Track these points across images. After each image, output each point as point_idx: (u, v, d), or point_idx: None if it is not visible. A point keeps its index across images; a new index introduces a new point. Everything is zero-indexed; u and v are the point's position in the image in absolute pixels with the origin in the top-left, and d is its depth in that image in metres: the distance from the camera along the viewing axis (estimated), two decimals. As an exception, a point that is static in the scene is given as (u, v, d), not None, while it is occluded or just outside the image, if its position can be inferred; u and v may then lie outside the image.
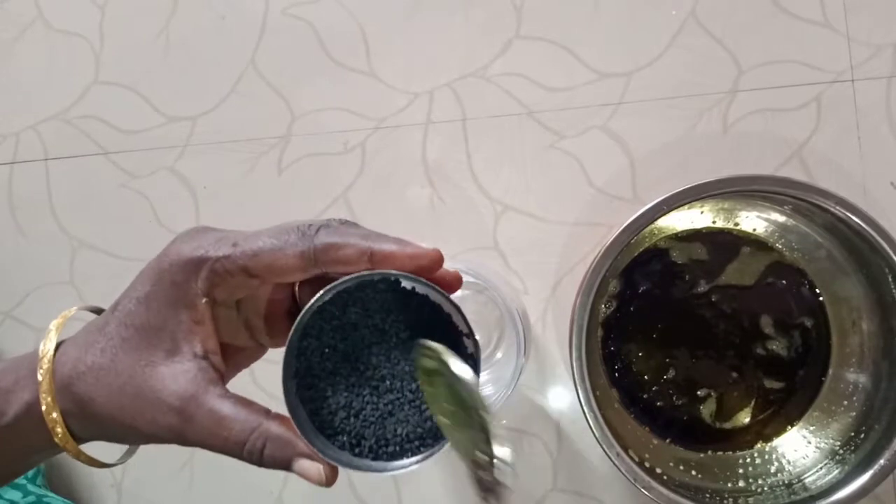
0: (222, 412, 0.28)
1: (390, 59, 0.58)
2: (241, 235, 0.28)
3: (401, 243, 0.27)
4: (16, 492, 0.51)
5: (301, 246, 0.27)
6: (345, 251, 0.27)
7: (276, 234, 0.27)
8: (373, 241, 0.27)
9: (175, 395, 0.28)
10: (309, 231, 0.27)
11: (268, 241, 0.27)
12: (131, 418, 0.28)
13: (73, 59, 0.60)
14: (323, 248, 0.27)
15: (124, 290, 0.29)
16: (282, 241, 0.27)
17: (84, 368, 0.28)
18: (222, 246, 0.27)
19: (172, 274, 0.28)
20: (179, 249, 0.28)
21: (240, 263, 0.27)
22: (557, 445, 0.56)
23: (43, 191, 0.60)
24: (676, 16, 0.56)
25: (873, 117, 0.55)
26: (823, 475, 0.49)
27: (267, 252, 0.27)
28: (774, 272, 0.54)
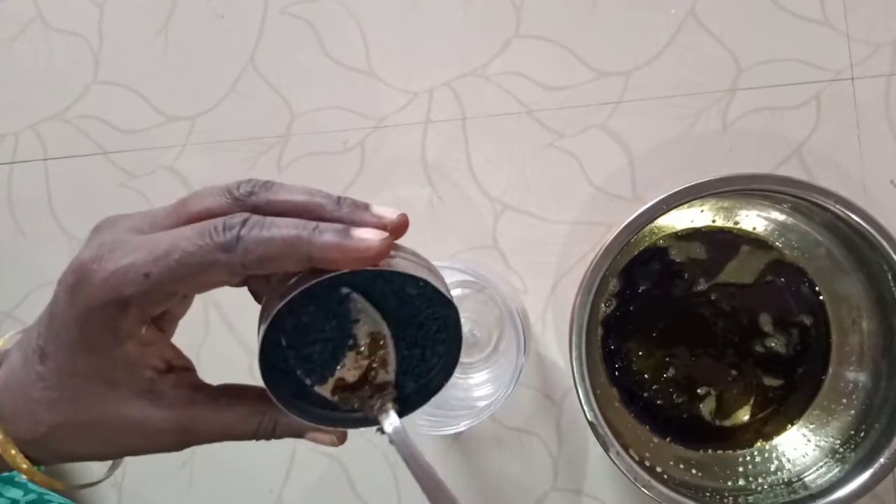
0: (224, 419, 0.27)
1: (389, 59, 0.58)
2: (151, 256, 0.24)
3: (343, 235, 0.23)
4: (17, 490, 0.51)
5: (225, 262, 0.23)
6: (279, 262, 0.24)
7: (186, 249, 0.23)
8: (309, 236, 0.23)
9: (165, 420, 0.27)
10: (226, 238, 0.23)
11: (183, 261, 0.23)
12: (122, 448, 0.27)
13: (72, 59, 0.60)
14: (253, 262, 0.23)
15: (41, 327, 0.26)
16: (199, 258, 0.23)
17: (44, 429, 0.26)
18: (134, 278, 0.24)
19: (95, 320, 0.24)
20: (91, 292, 0.24)
21: (163, 291, 0.24)
22: (557, 444, 0.56)
23: (42, 190, 0.60)
24: (676, 14, 0.56)
25: (873, 115, 0.55)
26: (823, 474, 0.49)
27: (188, 274, 0.24)
28: (774, 270, 0.54)
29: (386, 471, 0.57)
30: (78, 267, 0.24)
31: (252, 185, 0.25)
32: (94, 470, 0.59)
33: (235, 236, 0.23)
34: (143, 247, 0.24)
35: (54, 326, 0.25)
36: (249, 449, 0.58)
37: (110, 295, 0.24)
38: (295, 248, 0.23)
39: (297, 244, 0.23)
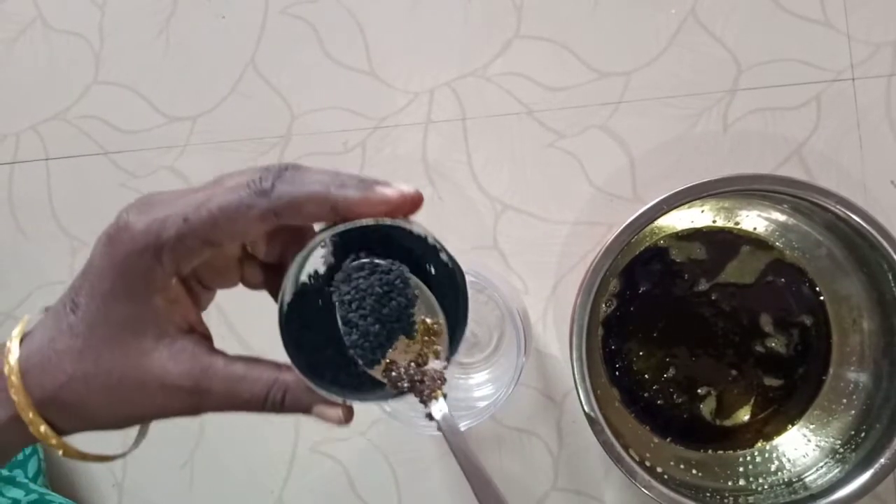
0: (237, 375, 0.28)
1: (390, 59, 0.58)
2: (189, 206, 0.26)
3: (365, 188, 0.26)
4: (18, 490, 0.51)
5: (260, 206, 0.25)
6: (307, 208, 0.26)
7: (226, 195, 0.25)
8: (335, 191, 0.26)
9: (183, 376, 0.27)
10: (263, 185, 0.25)
11: (221, 207, 0.25)
12: (137, 408, 0.28)
13: (73, 59, 0.60)
14: (284, 206, 0.25)
15: (75, 282, 0.27)
16: (236, 202, 0.25)
17: (65, 379, 0.27)
18: (173, 224, 0.25)
19: (131, 264, 0.26)
20: (131, 237, 0.26)
21: (199, 237, 0.26)
22: (558, 445, 0.56)
23: (43, 191, 0.60)
24: (676, 14, 0.56)
25: (873, 116, 0.55)
26: (824, 474, 0.49)
27: (224, 220, 0.25)
28: (774, 270, 0.54)
29: (386, 471, 0.57)
30: (119, 219, 0.26)
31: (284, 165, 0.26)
32: (96, 473, 0.59)
33: (271, 183, 0.25)
34: (181, 199, 0.26)
35: (89, 276, 0.27)
36: (250, 449, 0.58)
37: (149, 239, 0.26)
38: (322, 195, 0.25)
39: (323, 192, 0.25)
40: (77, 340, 0.27)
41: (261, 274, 0.31)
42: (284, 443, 0.57)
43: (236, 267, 0.30)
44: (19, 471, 0.55)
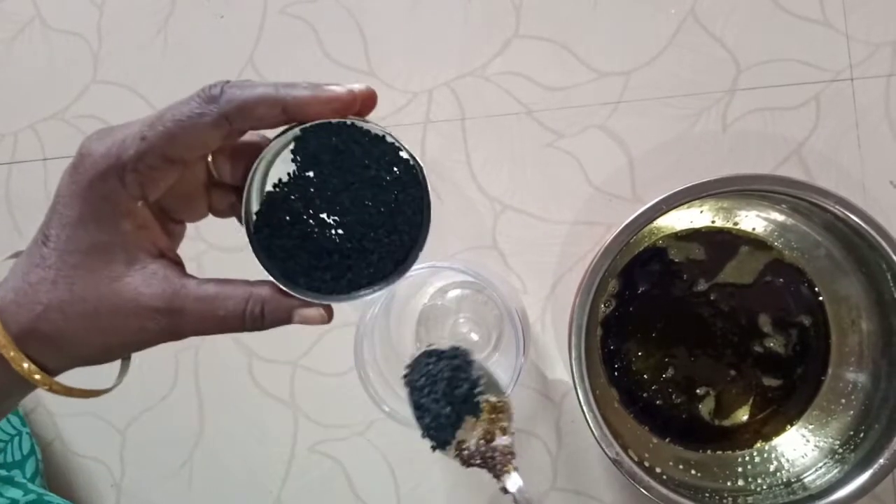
0: (210, 294, 0.28)
1: (389, 59, 0.58)
2: (144, 125, 0.26)
3: (314, 88, 0.26)
4: (17, 490, 0.51)
5: (211, 113, 0.26)
6: (258, 110, 0.26)
7: (177, 109, 0.26)
8: (284, 91, 0.26)
9: (156, 297, 0.28)
10: (212, 92, 0.26)
11: (175, 119, 0.26)
12: (115, 335, 0.28)
13: (72, 59, 0.60)
14: (234, 109, 0.26)
15: (46, 217, 0.28)
16: (188, 113, 0.26)
17: (41, 309, 0.27)
18: (132, 143, 0.26)
19: (96, 189, 0.26)
20: (93, 162, 0.26)
21: (158, 154, 0.26)
22: (557, 445, 0.56)
23: (41, 190, 0.60)
24: (675, 14, 0.56)
25: (872, 116, 0.55)
26: (823, 474, 0.49)
27: (179, 132, 0.26)
28: (773, 270, 0.54)
29: (385, 471, 0.57)
30: (81, 148, 0.27)
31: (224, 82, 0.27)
32: (94, 473, 0.59)
33: (220, 90, 0.26)
34: (137, 121, 0.26)
35: (57, 207, 0.27)
36: (249, 450, 0.58)
37: (110, 162, 0.26)
38: (271, 97, 0.26)
39: (273, 93, 0.26)
40: (50, 271, 0.27)
41: (228, 198, 0.30)
42: (283, 442, 0.57)
43: (203, 195, 0.30)
44: (17, 471, 0.55)
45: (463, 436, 0.32)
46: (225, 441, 0.58)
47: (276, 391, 0.57)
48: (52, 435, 0.59)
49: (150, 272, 0.28)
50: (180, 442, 0.58)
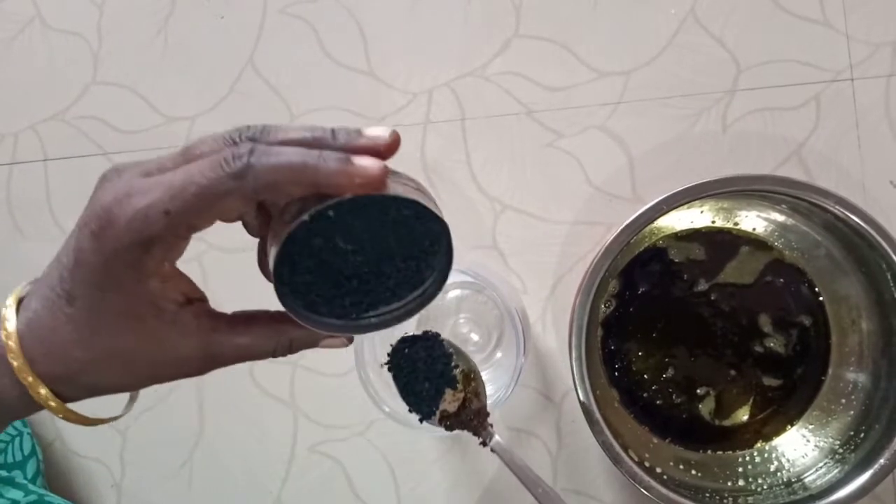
0: (244, 342, 0.30)
1: (389, 59, 0.58)
2: (167, 195, 0.25)
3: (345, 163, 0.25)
4: (17, 491, 0.51)
5: (239, 191, 0.25)
6: (287, 188, 0.25)
7: (202, 180, 0.25)
8: (313, 168, 0.25)
9: (191, 347, 0.29)
10: (237, 166, 0.25)
11: (200, 194, 0.25)
12: (150, 381, 0.29)
13: (72, 59, 0.60)
14: (263, 188, 0.25)
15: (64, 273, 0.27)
16: (214, 188, 0.25)
17: (77, 365, 0.28)
18: (156, 217, 0.25)
19: (122, 258, 0.26)
20: (117, 234, 0.26)
21: (183, 227, 0.26)
22: (557, 445, 0.56)
23: (41, 191, 0.60)
24: (676, 15, 0.56)
25: (872, 116, 0.55)
26: (823, 474, 0.49)
27: (205, 207, 0.25)
28: (774, 271, 0.54)
29: (385, 471, 0.57)
30: (101, 212, 0.26)
31: (252, 132, 0.26)
32: (95, 474, 0.59)
33: (246, 164, 0.25)
34: (158, 186, 0.25)
35: (81, 271, 0.27)
36: (249, 450, 0.58)
37: (135, 236, 0.26)
38: (302, 174, 0.25)
39: (303, 170, 0.25)
40: (83, 331, 0.28)
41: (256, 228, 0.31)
42: (283, 443, 0.57)
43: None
44: (18, 472, 0.55)
45: (444, 406, 0.37)
46: (225, 441, 0.58)
47: (276, 391, 0.57)
48: (53, 435, 0.59)
49: (183, 323, 0.29)
50: (180, 442, 0.58)
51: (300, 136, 0.26)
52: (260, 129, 0.26)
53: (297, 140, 0.26)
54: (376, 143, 0.26)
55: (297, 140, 0.26)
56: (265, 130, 0.26)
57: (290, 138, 0.26)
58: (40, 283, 0.29)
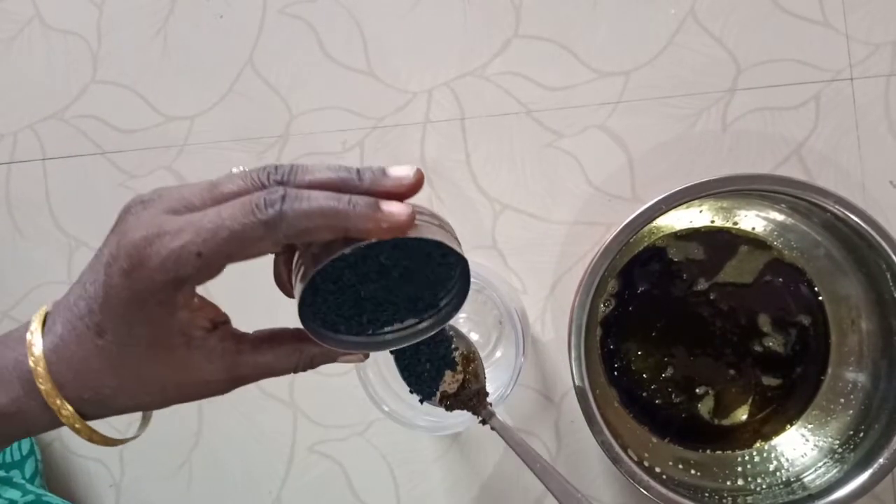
0: (268, 361, 0.31)
1: (389, 58, 0.58)
2: (199, 237, 0.26)
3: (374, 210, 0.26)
4: (15, 491, 0.51)
5: (270, 237, 0.26)
6: (318, 234, 0.26)
7: (234, 225, 0.25)
8: (343, 216, 0.26)
9: (218, 370, 0.30)
10: (270, 214, 0.25)
11: (231, 239, 0.25)
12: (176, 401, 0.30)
13: (71, 59, 0.60)
14: (295, 234, 0.26)
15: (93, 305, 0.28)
16: (246, 233, 0.25)
17: (109, 391, 0.29)
18: (188, 259, 0.26)
19: (154, 296, 0.27)
20: (149, 275, 0.26)
21: (214, 268, 0.27)
22: (556, 445, 0.56)
23: (41, 190, 0.60)
24: (675, 14, 0.56)
25: (872, 116, 0.55)
26: (822, 474, 0.49)
27: (237, 251, 0.26)
28: (773, 270, 0.54)
29: (384, 471, 0.57)
30: (132, 250, 0.26)
31: (280, 173, 0.27)
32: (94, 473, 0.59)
33: (278, 212, 0.25)
34: (189, 228, 0.26)
35: (111, 306, 0.27)
36: (248, 450, 0.58)
37: (168, 276, 0.26)
38: (332, 221, 0.26)
39: (334, 218, 0.26)
40: (114, 361, 0.28)
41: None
42: (283, 443, 0.57)
43: None
44: (16, 471, 0.55)
45: (444, 387, 0.38)
46: (224, 441, 0.58)
47: (275, 391, 0.57)
48: (52, 435, 0.59)
49: (210, 349, 0.29)
50: (179, 442, 0.58)
51: (327, 177, 0.27)
52: (287, 171, 0.27)
53: (324, 182, 0.27)
54: (401, 185, 0.27)
55: (324, 182, 0.27)
56: (293, 172, 0.27)
57: (318, 180, 0.27)
58: (64, 307, 0.29)
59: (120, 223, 0.28)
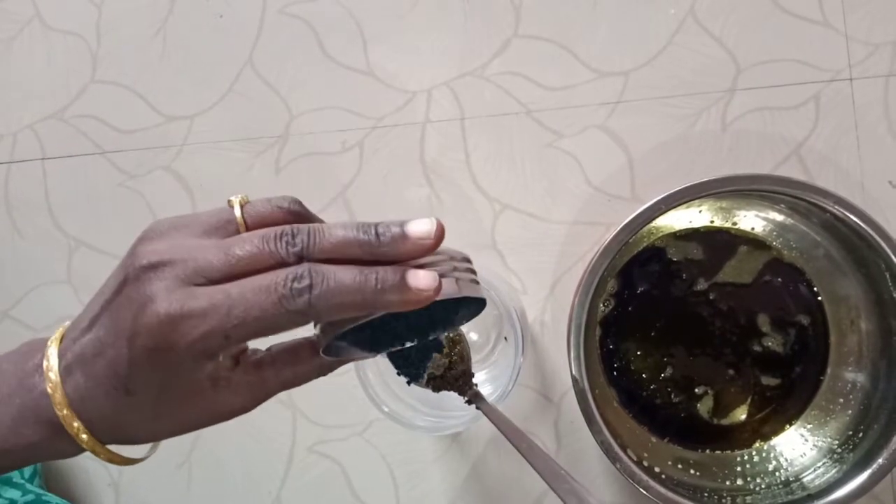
0: (287, 379, 0.31)
1: (388, 58, 0.58)
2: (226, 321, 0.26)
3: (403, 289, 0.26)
4: (15, 490, 0.51)
5: (300, 322, 0.26)
6: (347, 315, 0.27)
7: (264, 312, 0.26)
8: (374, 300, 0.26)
9: (246, 401, 0.30)
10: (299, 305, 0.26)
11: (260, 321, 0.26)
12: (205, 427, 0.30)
13: (70, 58, 0.60)
14: (324, 317, 0.27)
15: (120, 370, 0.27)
16: (274, 318, 0.26)
17: (144, 434, 0.29)
18: (216, 341, 0.26)
19: (184, 368, 0.27)
20: (178, 357, 0.26)
21: (243, 343, 0.27)
22: (556, 445, 0.56)
23: (40, 190, 0.60)
24: (675, 14, 0.56)
25: (871, 116, 0.55)
26: (821, 474, 0.49)
27: (264, 332, 0.26)
28: (772, 270, 0.54)
29: (384, 471, 0.57)
30: (156, 333, 0.26)
31: (299, 243, 0.27)
32: (93, 472, 0.59)
33: (307, 303, 0.26)
34: (214, 312, 0.26)
35: (137, 376, 0.27)
36: (248, 450, 0.58)
37: (195, 354, 0.27)
38: (360, 306, 0.26)
39: (362, 304, 0.26)
40: (146, 413, 0.29)
41: None
42: (282, 443, 0.57)
43: None
44: (15, 471, 0.55)
45: (431, 369, 0.39)
46: (223, 441, 0.58)
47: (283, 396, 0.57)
48: (51, 435, 0.59)
49: (235, 384, 0.30)
50: (179, 442, 0.58)
51: (346, 243, 0.27)
52: (305, 239, 0.27)
53: (344, 250, 0.27)
54: (423, 247, 0.28)
55: (344, 250, 0.27)
56: (311, 240, 0.27)
57: (338, 248, 0.27)
58: (79, 359, 0.28)
59: (134, 286, 0.27)
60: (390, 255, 0.27)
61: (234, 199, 0.29)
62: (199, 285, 0.26)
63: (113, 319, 0.27)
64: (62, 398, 0.28)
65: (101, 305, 0.28)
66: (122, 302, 0.27)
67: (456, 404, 0.49)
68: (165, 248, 0.27)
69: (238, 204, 0.29)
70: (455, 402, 0.49)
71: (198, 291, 0.26)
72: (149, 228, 0.29)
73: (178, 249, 0.27)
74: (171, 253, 0.27)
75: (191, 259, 0.27)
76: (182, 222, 0.28)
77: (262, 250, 0.27)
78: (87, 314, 0.29)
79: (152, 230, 0.28)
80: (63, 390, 0.28)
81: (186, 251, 0.27)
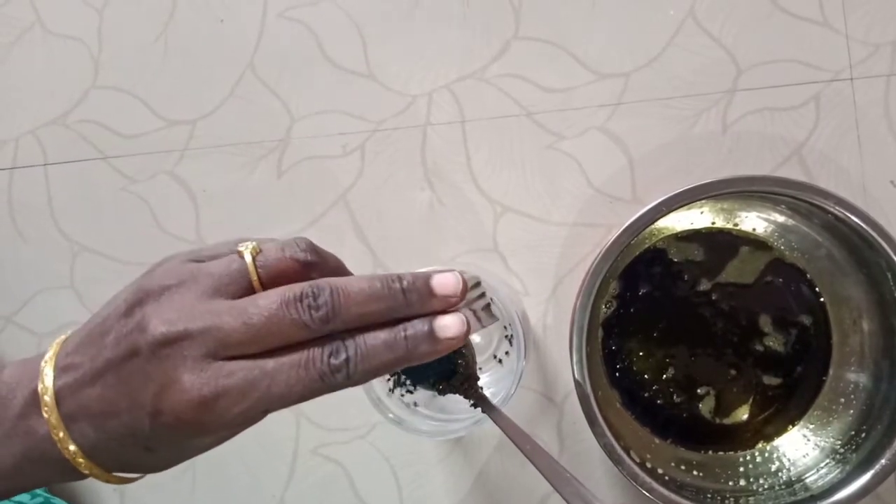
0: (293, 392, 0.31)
1: (389, 61, 0.58)
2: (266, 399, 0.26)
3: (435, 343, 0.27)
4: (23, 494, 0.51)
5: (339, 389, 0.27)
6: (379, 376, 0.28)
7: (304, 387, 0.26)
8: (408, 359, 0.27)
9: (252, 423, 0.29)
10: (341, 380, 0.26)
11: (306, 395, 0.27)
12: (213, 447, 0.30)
13: (72, 64, 0.60)
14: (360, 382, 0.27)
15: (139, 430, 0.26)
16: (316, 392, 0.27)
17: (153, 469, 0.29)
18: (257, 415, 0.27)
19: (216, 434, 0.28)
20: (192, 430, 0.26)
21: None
22: (559, 447, 0.56)
23: (42, 196, 0.60)
24: (675, 16, 0.56)
25: (872, 116, 0.55)
26: (824, 475, 0.49)
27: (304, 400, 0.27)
28: (774, 271, 0.54)
29: (387, 474, 0.57)
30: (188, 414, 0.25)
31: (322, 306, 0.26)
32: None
33: (346, 376, 0.26)
34: (254, 387, 0.26)
35: (161, 440, 0.27)
36: (252, 453, 0.58)
37: (234, 428, 0.27)
38: (395, 363, 0.27)
39: (395, 361, 0.27)
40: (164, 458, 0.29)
41: None
42: (286, 445, 0.57)
43: None
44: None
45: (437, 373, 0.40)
46: (227, 444, 0.58)
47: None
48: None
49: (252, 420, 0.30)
50: (183, 445, 0.58)
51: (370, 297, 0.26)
52: (329, 300, 0.26)
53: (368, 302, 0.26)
54: (449, 304, 0.28)
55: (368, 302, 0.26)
56: (336, 303, 0.26)
57: (362, 302, 0.26)
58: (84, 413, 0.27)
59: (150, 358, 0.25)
60: (416, 313, 0.27)
61: (244, 249, 0.27)
62: (225, 359, 0.25)
63: (126, 387, 0.26)
64: (75, 450, 0.27)
65: (105, 361, 0.26)
66: (135, 373, 0.26)
67: (459, 408, 0.49)
68: (176, 316, 0.26)
69: (249, 254, 0.27)
70: (458, 406, 0.49)
71: (228, 368, 0.25)
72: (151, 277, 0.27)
73: (191, 317, 0.26)
74: (185, 322, 0.25)
75: (208, 330, 0.25)
76: (189, 275, 0.27)
77: (284, 317, 0.26)
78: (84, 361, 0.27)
79: (156, 282, 0.27)
80: (71, 438, 0.27)
81: (201, 319, 0.26)
